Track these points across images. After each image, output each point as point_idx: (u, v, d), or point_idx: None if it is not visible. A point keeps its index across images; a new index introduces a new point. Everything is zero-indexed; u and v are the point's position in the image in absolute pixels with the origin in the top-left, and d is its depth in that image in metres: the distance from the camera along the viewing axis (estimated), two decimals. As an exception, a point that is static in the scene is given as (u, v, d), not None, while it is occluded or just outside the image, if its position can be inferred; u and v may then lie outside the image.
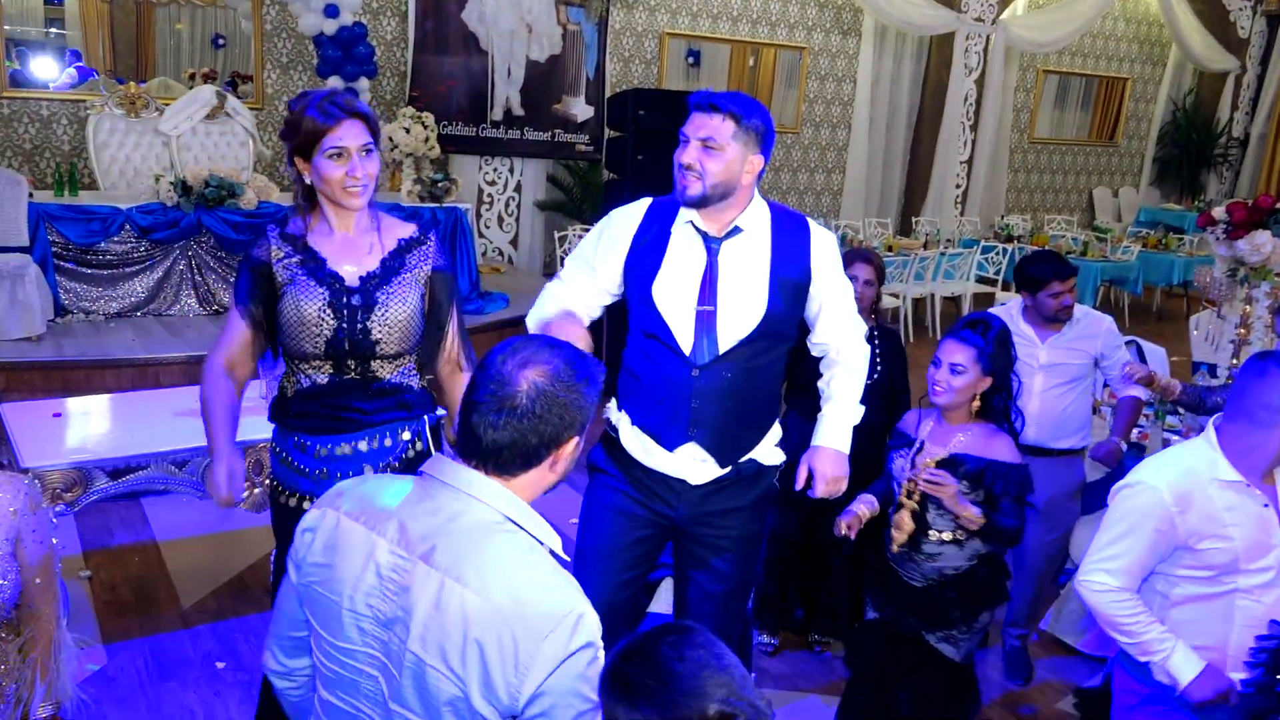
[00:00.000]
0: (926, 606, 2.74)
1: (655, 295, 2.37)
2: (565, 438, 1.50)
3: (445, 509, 1.48)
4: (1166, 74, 13.18)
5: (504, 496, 1.49)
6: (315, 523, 1.57)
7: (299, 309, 2.31)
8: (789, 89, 10.59)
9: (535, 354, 1.49)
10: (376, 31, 8.08)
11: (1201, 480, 2.22)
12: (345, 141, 2.26)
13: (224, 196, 6.05)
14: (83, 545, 4.32)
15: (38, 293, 5.48)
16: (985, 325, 2.69)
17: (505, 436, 1.46)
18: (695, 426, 2.39)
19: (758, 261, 2.38)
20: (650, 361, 2.41)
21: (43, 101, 7.28)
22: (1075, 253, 9.57)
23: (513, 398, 1.45)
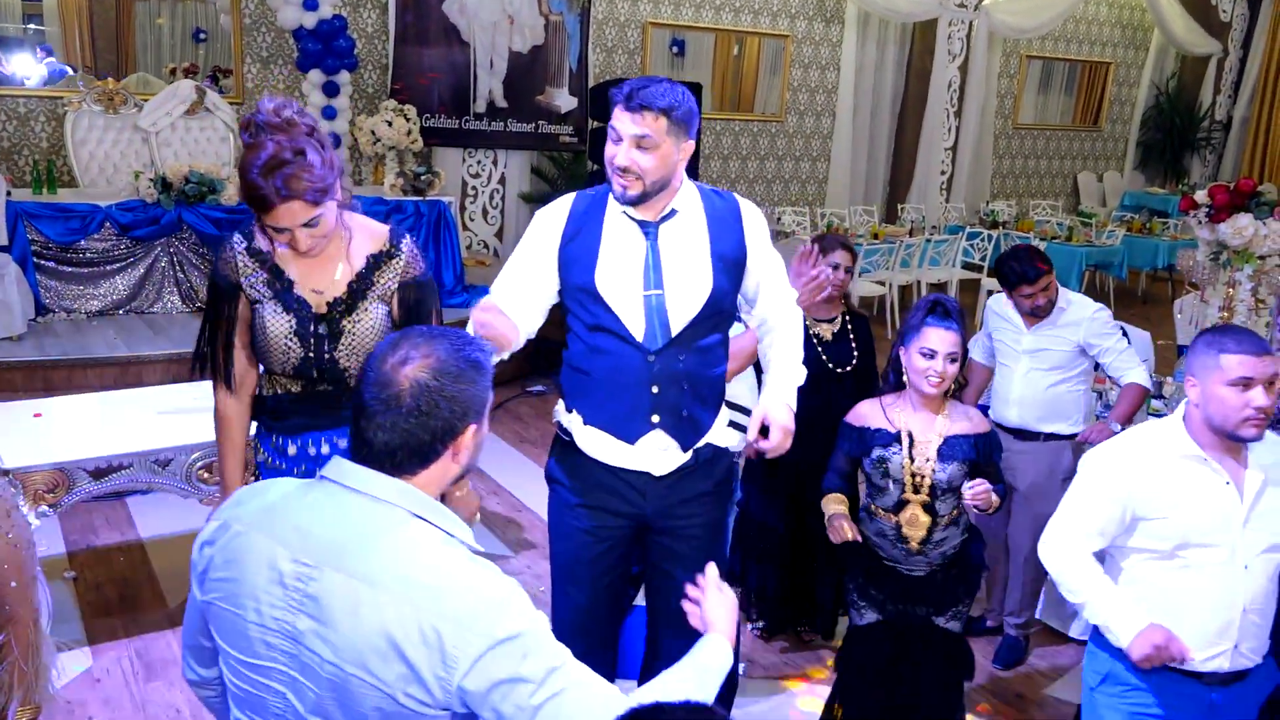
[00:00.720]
0: (936, 593, 2.75)
1: (599, 285, 2.33)
2: (460, 428, 1.46)
3: (351, 512, 1.43)
4: (1149, 58, 13.20)
5: (408, 494, 1.44)
6: (214, 535, 1.51)
7: (266, 333, 2.31)
8: (773, 77, 10.57)
9: (414, 348, 1.45)
10: (357, 24, 8.02)
11: (1161, 453, 2.26)
12: (283, 223, 2.18)
13: (205, 193, 6.01)
14: (67, 546, 4.29)
15: (18, 292, 5.44)
16: (948, 307, 2.71)
17: (395, 438, 1.43)
18: (657, 413, 2.37)
19: (697, 241, 2.38)
20: (601, 355, 2.37)
21: (20, 98, 7.21)
22: (1060, 238, 9.59)
23: (396, 398, 1.42)
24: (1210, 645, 2.24)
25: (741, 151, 10.42)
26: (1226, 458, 2.24)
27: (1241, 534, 2.20)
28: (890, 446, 2.72)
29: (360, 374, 1.46)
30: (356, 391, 1.46)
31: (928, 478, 2.69)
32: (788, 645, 3.77)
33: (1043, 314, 3.60)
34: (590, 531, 2.47)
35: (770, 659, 3.70)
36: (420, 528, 1.42)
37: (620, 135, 2.26)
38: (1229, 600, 2.22)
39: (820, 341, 3.55)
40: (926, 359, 2.65)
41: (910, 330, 2.71)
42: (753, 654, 3.69)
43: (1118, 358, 3.63)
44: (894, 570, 2.77)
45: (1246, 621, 2.23)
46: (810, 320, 3.53)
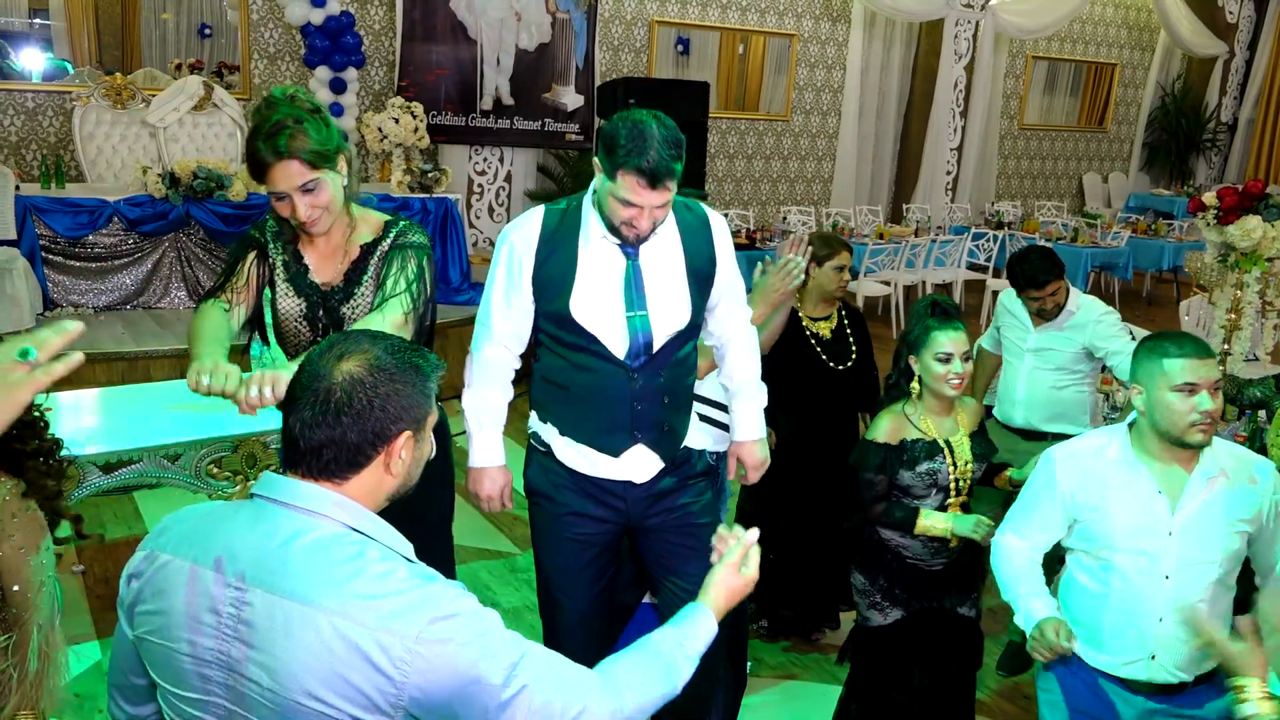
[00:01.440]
0: (955, 584, 2.77)
1: (575, 313, 2.30)
2: (393, 432, 1.38)
3: (282, 529, 1.35)
4: (1155, 59, 13.19)
5: (342, 505, 1.37)
6: (139, 567, 1.42)
7: (278, 312, 2.36)
8: (778, 76, 10.57)
9: (354, 345, 1.40)
10: (364, 21, 8.03)
11: (1104, 455, 2.28)
12: (280, 186, 2.22)
13: (212, 188, 6.02)
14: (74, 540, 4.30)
15: (26, 286, 5.45)
16: (947, 308, 2.74)
17: (321, 435, 1.35)
18: (639, 429, 2.36)
19: (674, 258, 2.36)
20: (581, 371, 2.34)
21: (28, 93, 7.22)
22: (1065, 239, 9.59)
23: (328, 391, 1.35)
24: (1126, 652, 2.25)
25: (747, 150, 10.42)
26: (1174, 466, 2.21)
27: (1166, 543, 2.18)
28: (935, 457, 2.68)
29: (296, 372, 1.40)
30: (289, 388, 1.40)
31: (969, 479, 2.70)
32: (789, 645, 3.78)
33: (1050, 316, 3.61)
34: (577, 539, 2.45)
35: (777, 658, 3.70)
36: (359, 542, 1.35)
37: (641, 204, 2.18)
38: (1145, 608, 2.21)
39: (818, 339, 3.55)
40: (943, 363, 2.64)
41: (918, 338, 2.68)
42: (759, 652, 3.69)
43: (1126, 360, 3.61)
44: (917, 568, 2.76)
45: (1164, 633, 2.21)
46: (808, 319, 3.54)
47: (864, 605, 2.84)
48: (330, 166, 2.25)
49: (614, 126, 2.17)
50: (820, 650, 3.75)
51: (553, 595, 2.53)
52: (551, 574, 2.51)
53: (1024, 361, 3.66)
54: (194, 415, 3.79)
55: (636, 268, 2.31)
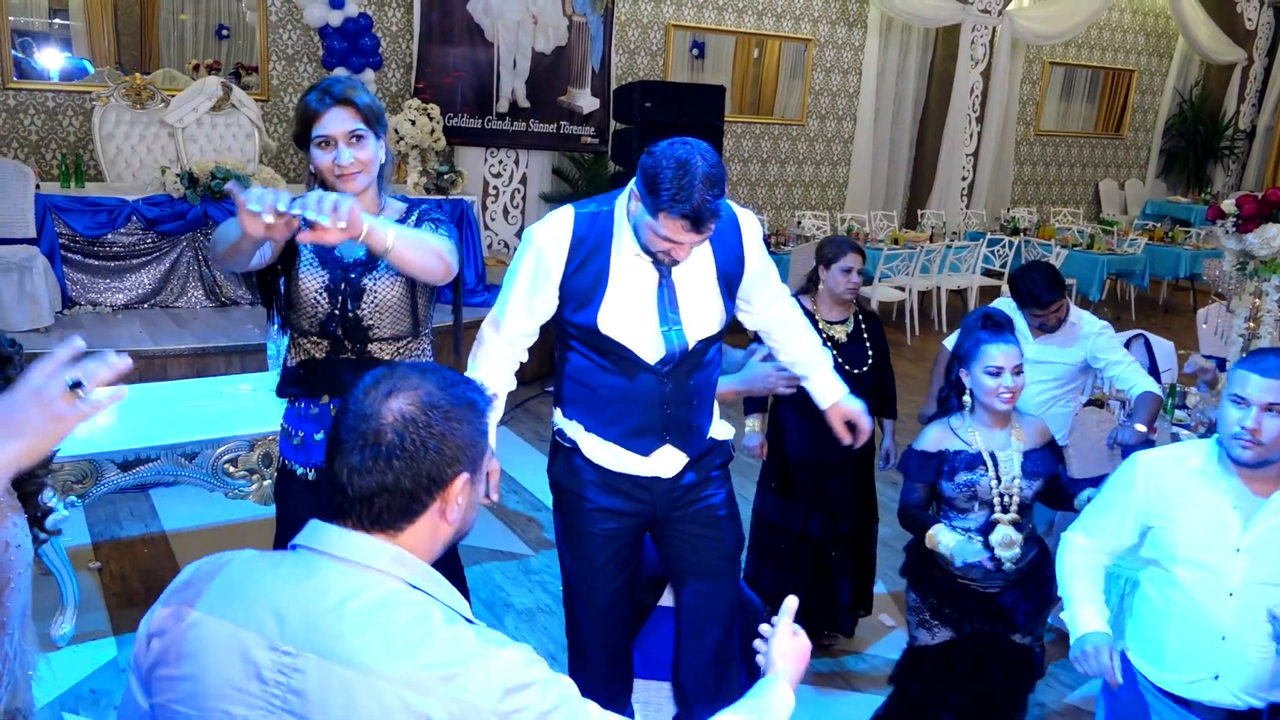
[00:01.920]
0: (1014, 609, 2.70)
1: (602, 325, 2.30)
2: (449, 475, 1.28)
3: (335, 587, 1.23)
4: (1173, 66, 13.13)
5: (401, 560, 1.26)
6: (164, 624, 1.28)
7: (299, 287, 2.36)
8: (794, 80, 10.56)
9: (403, 380, 1.29)
10: (382, 23, 8.07)
11: (1179, 465, 2.27)
12: (330, 130, 2.27)
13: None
14: (92, 537, 4.33)
15: (45, 284, 5.48)
16: (999, 321, 2.70)
17: (373, 481, 1.25)
18: (668, 430, 2.38)
19: (705, 265, 2.37)
20: (609, 374, 2.35)
21: (48, 93, 7.27)
22: (1081, 245, 9.55)
23: (377, 433, 1.25)
24: (1188, 670, 2.22)
25: (761, 155, 10.42)
26: (1256, 484, 2.18)
27: (1232, 559, 2.15)
28: (976, 469, 2.65)
29: (339, 409, 1.31)
30: (333, 427, 1.30)
31: (1016, 496, 2.64)
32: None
33: (1051, 329, 3.66)
34: (604, 533, 2.47)
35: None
36: (420, 601, 1.24)
37: (682, 242, 2.17)
38: (1208, 625, 2.18)
39: (834, 343, 3.55)
40: (994, 377, 2.61)
41: (969, 351, 2.67)
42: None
43: (1126, 369, 3.66)
44: (969, 589, 2.70)
45: (1228, 653, 2.17)
46: (824, 323, 3.54)
47: (914, 623, 2.81)
48: (376, 130, 2.31)
49: (657, 164, 2.11)
50: (832, 655, 3.74)
51: (577, 590, 2.55)
52: (575, 569, 2.53)
53: None
54: (211, 414, 3.82)
55: (670, 284, 2.32)
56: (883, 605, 4.03)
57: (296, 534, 1.32)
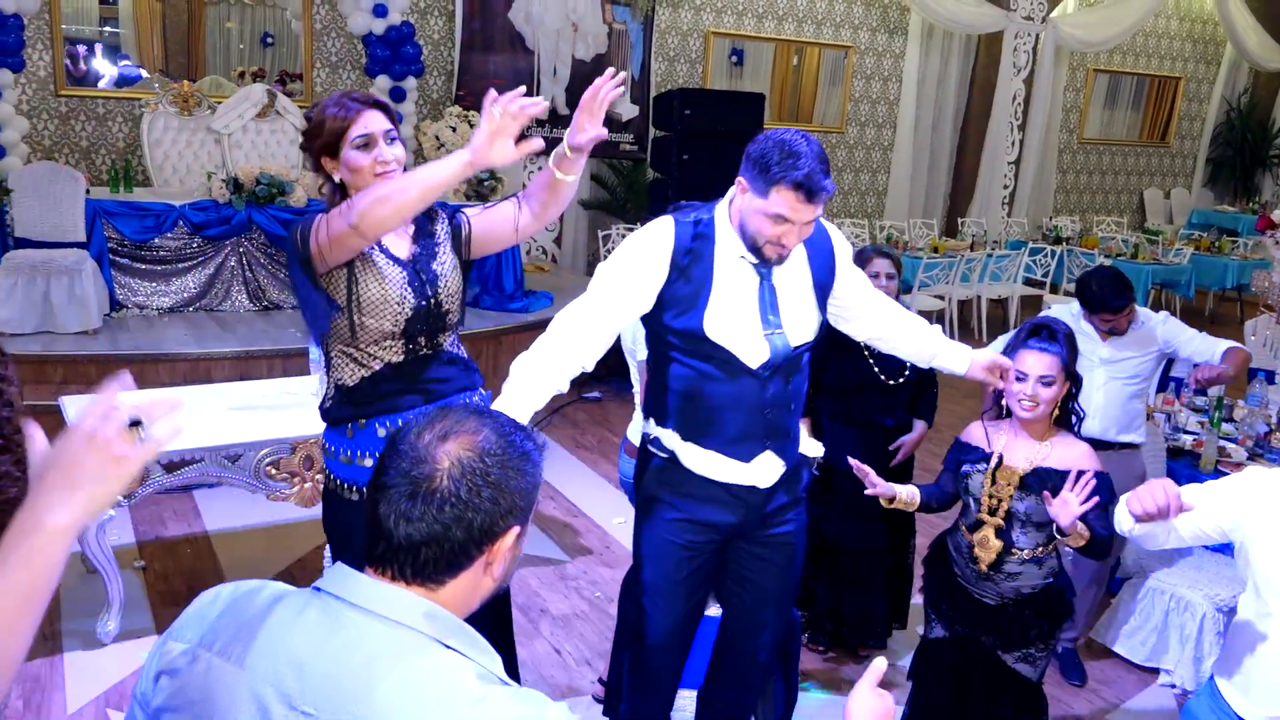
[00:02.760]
0: (1004, 626, 2.68)
1: (708, 329, 2.30)
2: (501, 528, 1.20)
3: (363, 644, 1.14)
4: (1221, 73, 12.93)
5: (434, 618, 1.17)
6: (175, 664, 1.20)
7: (384, 288, 2.31)
8: (833, 88, 10.52)
9: (459, 423, 1.22)
10: (424, 31, 8.14)
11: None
12: (370, 129, 2.31)
13: (274, 194, 6.13)
14: (137, 536, 4.40)
15: (94, 287, 5.59)
16: (1053, 331, 2.64)
17: (422, 530, 1.17)
18: (770, 435, 2.40)
19: (803, 273, 2.41)
20: (712, 380, 2.34)
21: (99, 100, 7.42)
22: (1125, 255, 9.42)
23: (430, 479, 1.17)
24: (1272, 704, 2.13)
25: (801, 162, 10.37)
26: None
27: None
28: (977, 465, 2.68)
29: (385, 449, 1.24)
30: (378, 469, 1.22)
31: (1004, 503, 2.62)
32: (835, 657, 3.74)
33: (1120, 334, 3.65)
34: (688, 546, 2.45)
35: (827, 675, 3.67)
36: (450, 661, 1.14)
37: (794, 220, 2.21)
38: None
39: (872, 352, 3.53)
40: (1019, 382, 2.59)
41: (1009, 353, 2.65)
42: (806, 667, 3.66)
43: (1200, 341, 3.70)
44: (965, 591, 2.73)
45: None
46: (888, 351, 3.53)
47: (925, 614, 2.88)
48: (401, 143, 2.39)
49: (764, 145, 2.20)
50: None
51: (646, 609, 2.51)
52: (651, 584, 2.50)
53: (1096, 374, 3.63)
54: (254, 416, 3.87)
55: (771, 287, 2.35)
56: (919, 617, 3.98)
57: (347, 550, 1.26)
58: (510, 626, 2.75)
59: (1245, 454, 4.01)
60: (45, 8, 6.91)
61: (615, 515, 4.80)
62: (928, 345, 2.68)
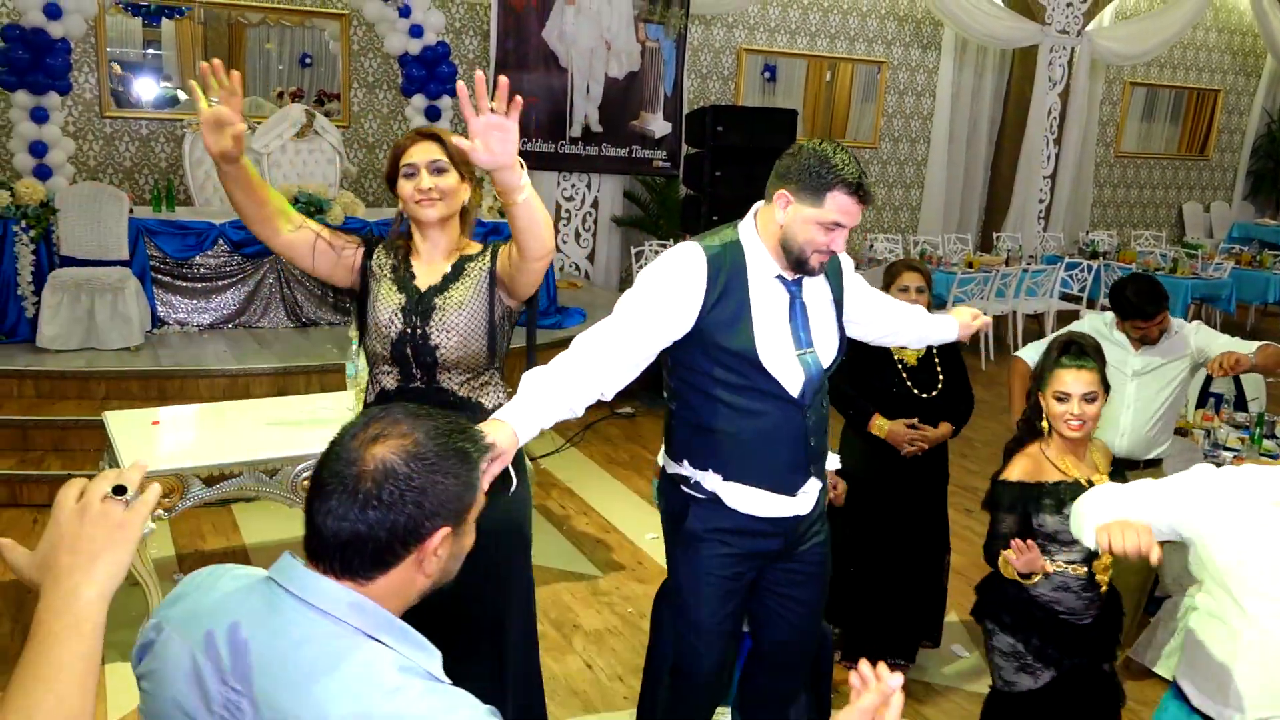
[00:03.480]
0: (1103, 636, 2.65)
1: (761, 353, 2.26)
2: (428, 530, 1.24)
3: (292, 630, 1.21)
4: (1261, 85, 12.77)
5: (360, 609, 1.22)
6: (150, 636, 1.30)
7: (376, 310, 2.43)
8: (866, 103, 10.51)
9: (391, 425, 1.26)
10: (459, 50, 8.25)
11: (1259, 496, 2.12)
12: (415, 159, 2.40)
13: (312, 212, 6.22)
14: (176, 549, 4.47)
15: (136, 305, 5.70)
16: (1083, 345, 2.63)
17: (346, 529, 1.22)
18: (813, 463, 2.39)
19: (824, 290, 2.41)
20: (753, 415, 2.30)
21: (142, 121, 7.58)
22: (1164, 269, 9.32)
23: (356, 480, 1.22)
24: (1261, 707, 2.12)
25: (834, 177, 10.37)
26: None
27: None
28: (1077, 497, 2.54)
29: (329, 446, 1.28)
30: (318, 466, 1.27)
31: None
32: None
33: (1152, 342, 3.59)
34: (734, 578, 2.42)
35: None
36: (374, 653, 1.20)
37: (847, 224, 2.23)
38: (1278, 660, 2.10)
39: (904, 367, 3.52)
40: (1061, 403, 2.56)
41: (1042, 373, 2.62)
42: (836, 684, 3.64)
43: (1234, 345, 3.61)
44: (1068, 624, 2.62)
45: None
46: (895, 346, 3.52)
47: (1010, 669, 2.67)
48: (462, 171, 2.42)
49: (805, 156, 2.22)
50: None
51: (695, 646, 2.46)
52: (699, 622, 2.43)
53: (1126, 388, 3.58)
54: (291, 431, 3.92)
55: (801, 304, 2.33)
56: (954, 635, 3.96)
57: None
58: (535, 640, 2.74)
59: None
60: (91, 32, 7.08)
61: (648, 531, 4.81)
62: (920, 328, 2.77)
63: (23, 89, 6.38)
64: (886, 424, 3.47)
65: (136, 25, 8.07)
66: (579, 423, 2.36)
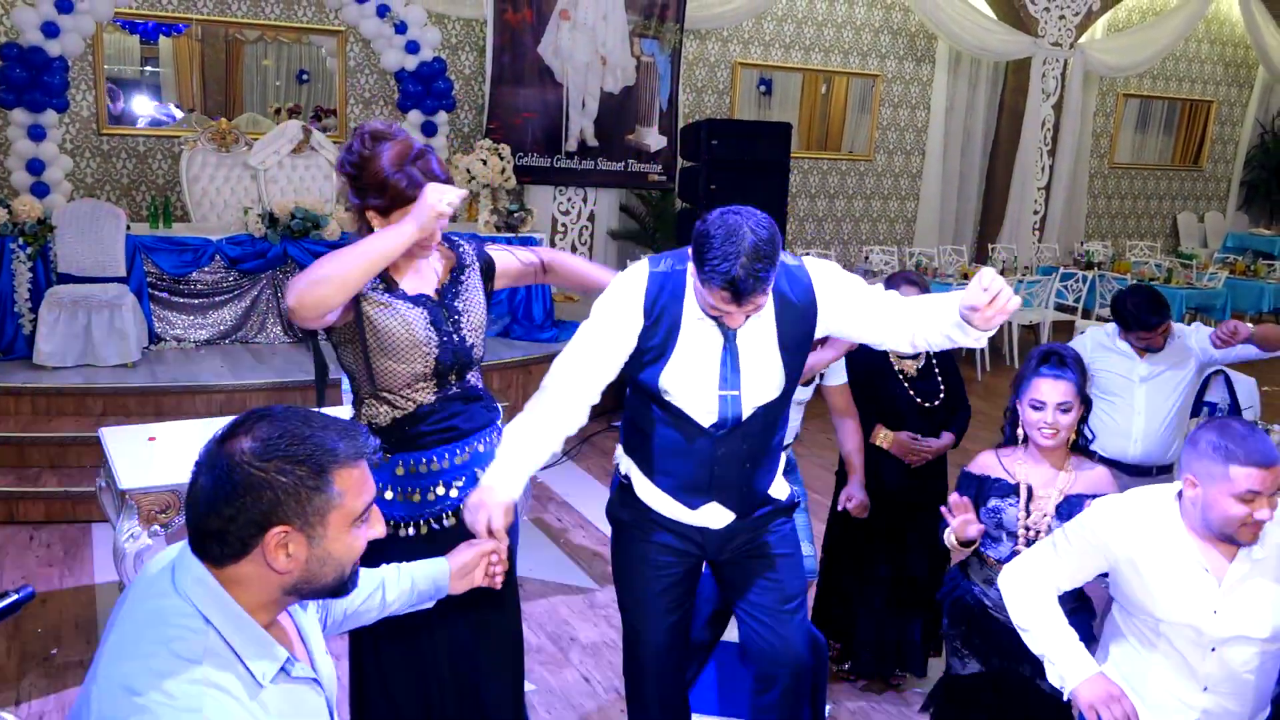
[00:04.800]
0: None
1: (665, 386, 2.31)
2: (264, 524, 1.28)
3: (147, 600, 1.31)
4: (1254, 96, 12.83)
5: (205, 588, 1.29)
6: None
7: (409, 331, 2.30)
8: (861, 116, 10.56)
9: (255, 424, 1.32)
10: (455, 66, 8.28)
11: (1154, 524, 2.24)
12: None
13: (309, 228, 6.25)
14: (173, 565, 4.47)
15: (133, 321, 5.71)
16: (1062, 357, 2.64)
17: (195, 512, 1.30)
18: (714, 489, 2.39)
19: (768, 335, 2.33)
20: (666, 427, 2.37)
21: (139, 137, 7.61)
22: (1159, 279, 9.34)
23: (208, 467, 1.29)
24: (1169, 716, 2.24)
25: (829, 190, 10.42)
26: (1218, 545, 2.18)
27: (1211, 619, 2.16)
28: (1007, 498, 2.63)
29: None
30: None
31: (1043, 533, 2.58)
32: (867, 686, 3.72)
33: (1156, 350, 3.63)
34: (657, 565, 2.49)
35: (856, 702, 3.65)
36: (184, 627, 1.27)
37: (727, 311, 2.18)
38: (1190, 682, 2.21)
39: (905, 377, 3.54)
40: (1036, 411, 2.58)
41: (1021, 382, 2.65)
42: (835, 694, 3.64)
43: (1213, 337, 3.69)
44: (999, 622, 2.65)
45: (1213, 705, 2.21)
46: (895, 356, 3.53)
47: (948, 651, 2.81)
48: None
49: (705, 232, 2.12)
50: (899, 693, 3.68)
51: (632, 625, 2.58)
52: (630, 603, 2.57)
53: (1136, 395, 3.61)
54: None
55: (733, 348, 2.30)
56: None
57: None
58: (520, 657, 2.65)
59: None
60: (89, 50, 7.11)
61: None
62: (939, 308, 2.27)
63: (20, 107, 6.42)
64: (891, 435, 3.48)
65: (134, 43, 8.11)
66: (576, 435, 2.37)
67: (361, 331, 2.30)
